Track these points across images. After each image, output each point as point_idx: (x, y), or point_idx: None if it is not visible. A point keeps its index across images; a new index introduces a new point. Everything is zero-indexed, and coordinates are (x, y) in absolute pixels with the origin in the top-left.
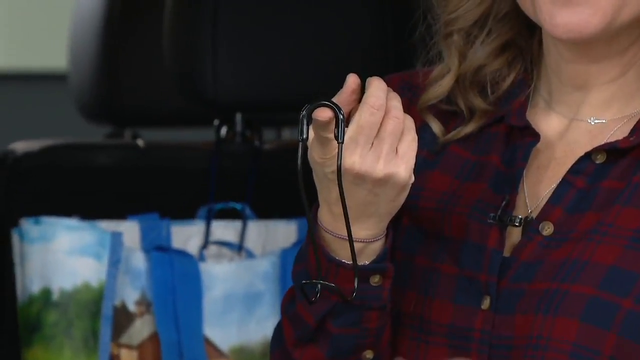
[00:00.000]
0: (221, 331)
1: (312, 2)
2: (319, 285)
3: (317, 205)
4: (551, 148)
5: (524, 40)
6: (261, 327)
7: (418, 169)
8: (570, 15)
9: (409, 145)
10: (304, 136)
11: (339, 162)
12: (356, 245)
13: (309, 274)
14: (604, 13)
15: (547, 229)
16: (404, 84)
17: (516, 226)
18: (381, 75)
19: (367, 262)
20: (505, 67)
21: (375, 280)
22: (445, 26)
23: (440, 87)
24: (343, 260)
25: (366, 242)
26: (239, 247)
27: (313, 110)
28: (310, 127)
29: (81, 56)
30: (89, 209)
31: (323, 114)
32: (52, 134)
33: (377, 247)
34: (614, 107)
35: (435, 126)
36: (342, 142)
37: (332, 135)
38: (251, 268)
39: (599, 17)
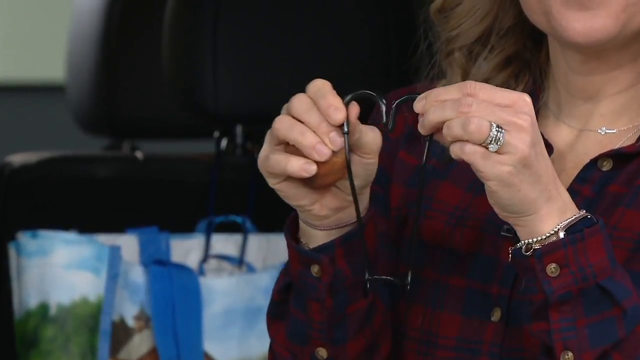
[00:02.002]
0: (221, 346)
1: (312, 15)
2: (367, 282)
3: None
4: (562, 159)
5: (530, 53)
6: (262, 342)
7: (427, 179)
8: (586, 19)
9: None
10: (390, 126)
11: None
12: (305, 227)
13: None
14: (617, 17)
15: None
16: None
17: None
18: (383, 89)
19: (309, 246)
20: (512, 81)
21: (314, 270)
22: (447, 44)
23: None
24: (297, 245)
25: (315, 227)
26: (239, 261)
27: (400, 104)
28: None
29: (79, 67)
30: (87, 222)
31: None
32: (50, 146)
33: (323, 235)
34: (624, 117)
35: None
36: (347, 133)
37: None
38: (252, 282)
39: (612, 21)
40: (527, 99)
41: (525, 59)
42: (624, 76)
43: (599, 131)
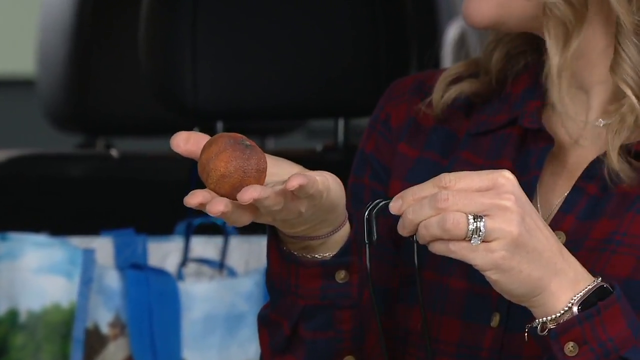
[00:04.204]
0: (201, 355)
1: (295, 7)
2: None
3: None
4: (564, 153)
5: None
6: (244, 350)
7: (429, 173)
8: (470, 2)
9: None
10: (374, 237)
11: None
12: (315, 242)
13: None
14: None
15: (559, 239)
16: (418, 83)
17: None
18: (369, 84)
19: (329, 255)
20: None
21: (341, 276)
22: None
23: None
24: (300, 257)
25: (325, 236)
26: (220, 265)
27: (378, 212)
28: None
29: (50, 60)
30: (59, 224)
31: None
32: (19, 143)
33: (338, 239)
34: (616, 108)
35: (438, 90)
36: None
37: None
38: (233, 287)
39: (487, 5)
40: (507, 174)
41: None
42: (599, 64)
43: (597, 123)
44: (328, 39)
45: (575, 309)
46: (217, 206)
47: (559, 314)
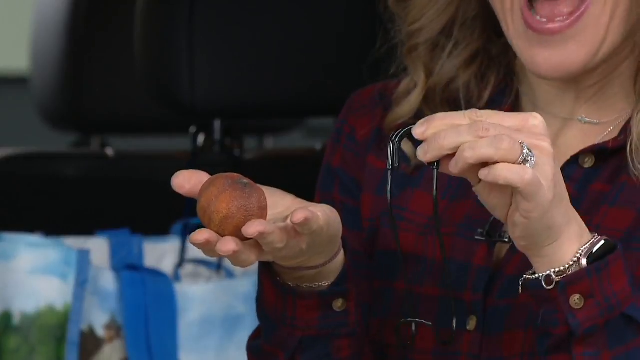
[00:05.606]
0: (198, 357)
1: (294, 3)
2: (414, 324)
3: None
4: None
5: (494, 47)
6: (241, 353)
7: (398, 186)
8: (554, 52)
9: None
10: (396, 165)
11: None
12: (311, 272)
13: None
14: (592, 45)
15: None
16: (378, 94)
17: (505, 242)
18: (373, 81)
19: (325, 284)
20: (478, 80)
21: (338, 305)
22: (409, 38)
23: (407, 105)
24: (296, 288)
25: (320, 266)
26: (217, 266)
27: (403, 136)
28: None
29: (44, 57)
30: (54, 224)
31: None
32: (13, 142)
33: (334, 267)
34: (606, 106)
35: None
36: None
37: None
38: (231, 288)
39: (585, 51)
40: (538, 116)
41: (490, 54)
42: (596, 73)
43: (579, 119)
44: (328, 36)
45: (583, 261)
46: (228, 245)
47: (566, 266)
